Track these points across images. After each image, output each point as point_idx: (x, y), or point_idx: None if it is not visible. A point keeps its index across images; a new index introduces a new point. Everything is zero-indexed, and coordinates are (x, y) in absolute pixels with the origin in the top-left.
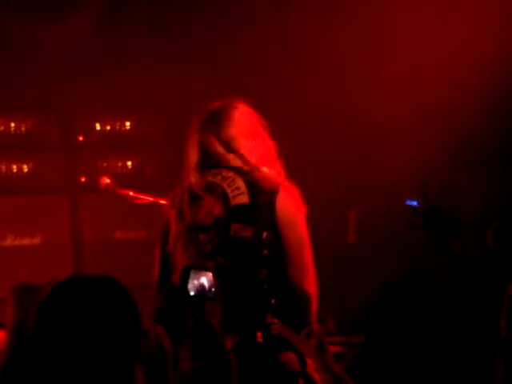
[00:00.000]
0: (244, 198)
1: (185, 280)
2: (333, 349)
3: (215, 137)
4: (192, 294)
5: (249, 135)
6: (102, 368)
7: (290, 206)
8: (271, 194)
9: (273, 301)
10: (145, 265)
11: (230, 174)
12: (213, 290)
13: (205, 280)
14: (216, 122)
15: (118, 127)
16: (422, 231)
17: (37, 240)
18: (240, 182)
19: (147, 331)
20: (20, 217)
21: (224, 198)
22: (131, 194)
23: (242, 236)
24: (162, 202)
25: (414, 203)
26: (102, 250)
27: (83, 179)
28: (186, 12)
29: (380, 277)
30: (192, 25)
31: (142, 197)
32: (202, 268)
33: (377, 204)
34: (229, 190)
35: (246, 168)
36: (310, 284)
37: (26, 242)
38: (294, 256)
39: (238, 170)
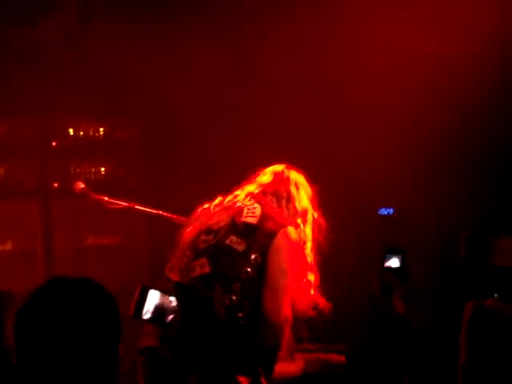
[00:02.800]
0: (253, 220)
1: (142, 300)
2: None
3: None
4: (146, 317)
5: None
6: (84, 371)
7: (287, 242)
8: (277, 227)
9: (240, 314)
10: (117, 271)
11: (257, 205)
12: (170, 317)
13: (164, 304)
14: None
15: (91, 132)
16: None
17: (8, 246)
18: (258, 211)
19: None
20: None
21: (238, 212)
22: (106, 199)
23: (233, 247)
24: (137, 207)
25: (387, 212)
26: (74, 256)
27: (56, 184)
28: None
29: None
30: (166, 25)
31: (116, 202)
32: (163, 291)
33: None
34: (245, 209)
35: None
36: (280, 313)
37: None
38: (272, 282)
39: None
